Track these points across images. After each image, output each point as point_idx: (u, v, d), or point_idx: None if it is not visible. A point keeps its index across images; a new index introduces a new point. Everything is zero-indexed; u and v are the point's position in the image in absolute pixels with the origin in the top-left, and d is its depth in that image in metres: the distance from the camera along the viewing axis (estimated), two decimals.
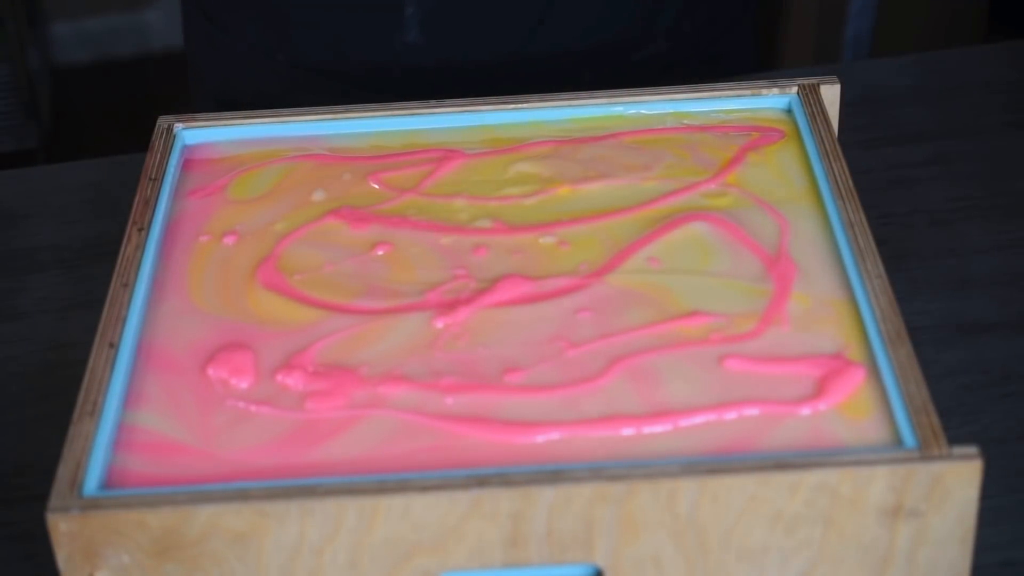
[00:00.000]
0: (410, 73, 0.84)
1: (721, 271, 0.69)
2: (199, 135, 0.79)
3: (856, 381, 0.62)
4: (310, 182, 0.76)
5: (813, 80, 0.79)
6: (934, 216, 0.86)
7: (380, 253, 0.71)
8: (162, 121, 0.79)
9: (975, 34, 1.99)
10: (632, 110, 0.79)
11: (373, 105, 0.80)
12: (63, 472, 0.59)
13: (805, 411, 0.61)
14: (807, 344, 0.64)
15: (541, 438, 0.61)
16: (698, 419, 0.61)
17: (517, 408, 0.62)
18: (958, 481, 0.58)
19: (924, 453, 0.58)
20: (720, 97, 0.79)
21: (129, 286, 0.68)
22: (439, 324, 0.67)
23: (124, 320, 0.67)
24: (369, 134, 0.79)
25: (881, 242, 0.70)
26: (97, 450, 0.60)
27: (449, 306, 0.67)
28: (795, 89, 0.79)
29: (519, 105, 0.79)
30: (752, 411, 0.61)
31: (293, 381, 0.64)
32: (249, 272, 0.70)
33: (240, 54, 1.04)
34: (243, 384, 0.64)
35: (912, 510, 0.58)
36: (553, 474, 0.58)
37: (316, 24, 1.00)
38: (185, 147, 0.79)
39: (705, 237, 0.71)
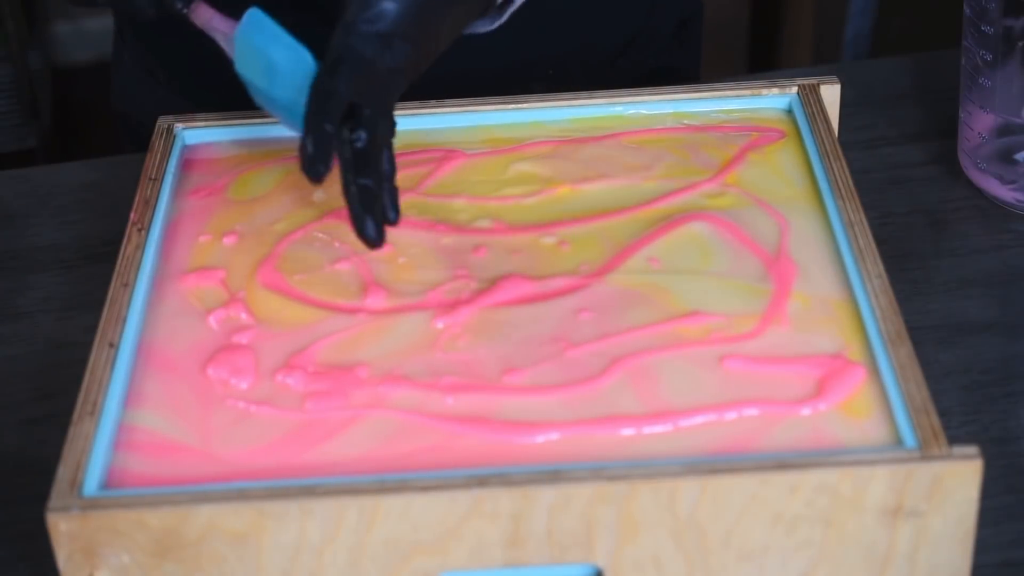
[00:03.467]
0: None
1: (721, 271, 0.69)
2: (199, 135, 0.79)
3: (856, 381, 0.62)
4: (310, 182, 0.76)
5: (813, 80, 0.79)
6: (934, 216, 0.86)
7: (380, 253, 0.71)
8: (162, 121, 0.79)
9: None
10: (632, 110, 0.79)
11: None
12: (63, 472, 0.59)
13: (805, 411, 0.61)
14: (807, 344, 0.64)
15: (541, 438, 0.61)
16: (698, 419, 0.61)
17: (517, 408, 0.62)
18: (958, 481, 0.58)
19: (924, 453, 0.58)
20: (720, 97, 0.79)
21: (129, 286, 0.68)
22: (439, 324, 0.67)
23: (124, 320, 0.67)
24: None
25: (881, 242, 0.69)
26: (97, 450, 0.60)
27: (449, 306, 0.67)
28: (795, 89, 0.79)
29: (519, 105, 0.79)
30: (752, 411, 0.61)
31: (293, 381, 0.64)
32: (249, 272, 0.70)
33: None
34: (243, 384, 0.64)
35: (912, 510, 0.58)
36: (553, 474, 0.58)
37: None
38: (185, 147, 0.79)
39: (705, 237, 0.71)
